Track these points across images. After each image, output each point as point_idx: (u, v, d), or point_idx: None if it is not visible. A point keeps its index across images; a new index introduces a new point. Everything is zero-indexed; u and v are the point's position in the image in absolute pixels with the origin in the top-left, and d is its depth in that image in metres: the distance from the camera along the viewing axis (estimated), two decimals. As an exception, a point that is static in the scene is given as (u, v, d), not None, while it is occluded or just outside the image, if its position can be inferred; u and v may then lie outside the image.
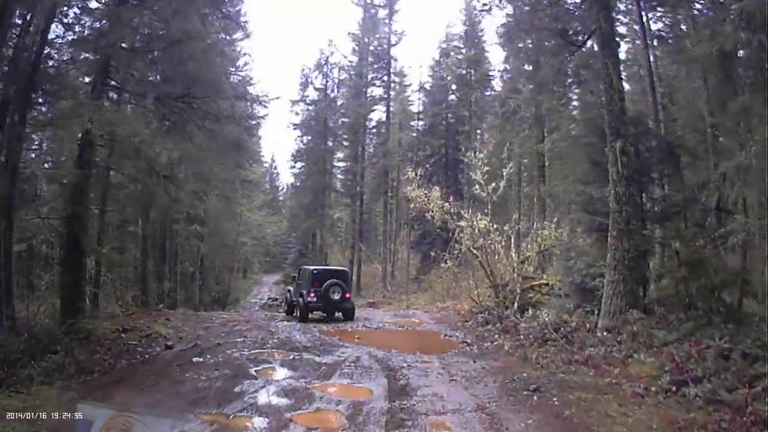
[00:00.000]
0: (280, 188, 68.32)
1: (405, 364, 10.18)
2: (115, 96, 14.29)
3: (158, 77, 13.76)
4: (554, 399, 7.78)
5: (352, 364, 10.13)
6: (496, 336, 13.82)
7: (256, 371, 9.64)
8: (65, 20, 11.52)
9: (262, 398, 7.94)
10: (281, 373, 9.55)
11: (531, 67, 21.24)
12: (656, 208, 13.02)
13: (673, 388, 8.00)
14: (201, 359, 10.69)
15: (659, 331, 10.37)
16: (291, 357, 10.96)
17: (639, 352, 9.51)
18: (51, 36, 11.19)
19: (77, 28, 11.68)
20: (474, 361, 10.81)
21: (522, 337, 12.68)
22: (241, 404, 7.49)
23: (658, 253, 13.82)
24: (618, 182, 11.64)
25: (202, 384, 8.62)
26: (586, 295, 12.94)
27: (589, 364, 9.48)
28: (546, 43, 15.26)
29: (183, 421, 6.42)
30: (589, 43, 13.67)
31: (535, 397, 7.91)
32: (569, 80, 16.99)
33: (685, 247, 11.81)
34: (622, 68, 13.73)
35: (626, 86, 15.50)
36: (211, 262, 34.86)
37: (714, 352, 8.38)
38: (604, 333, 10.86)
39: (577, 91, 20.53)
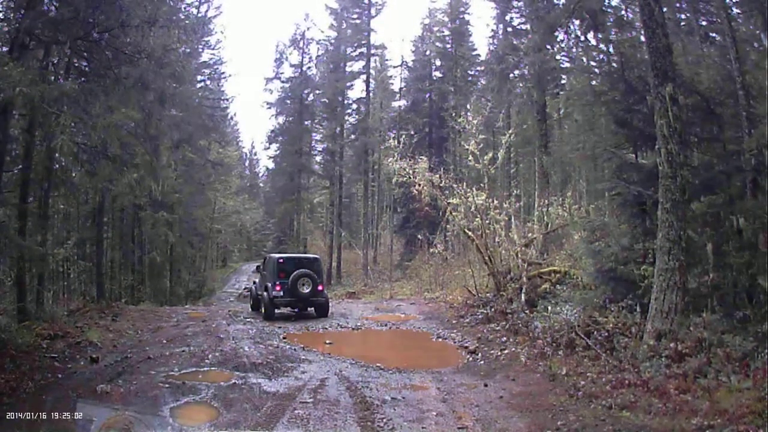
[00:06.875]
0: (260, 174, 64.97)
1: (388, 396, 7.14)
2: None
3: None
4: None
5: (313, 397, 7.08)
6: (505, 339, 10.97)
7: (171, 411, 6.63)
8: None
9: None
10: (205, 415, 6.49)
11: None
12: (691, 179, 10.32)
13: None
14: (109, 388, 7.71)
15: (732, 336, 7.65)
16: (231, 382, 7.91)
17: (723, 371, 6.67)
18: None
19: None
20: (485, 385, 7.85)
21: (540, 341, 9.83)
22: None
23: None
24: (669, 138, 8.68)
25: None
26: (618, 286, 10.12)
27: (653, 390, 6.60)
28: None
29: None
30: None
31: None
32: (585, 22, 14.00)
33: (752, 225, 9.15)
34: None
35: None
36: (183, 252, 31.71)
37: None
38: (658, 340, 8.01)
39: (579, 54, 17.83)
